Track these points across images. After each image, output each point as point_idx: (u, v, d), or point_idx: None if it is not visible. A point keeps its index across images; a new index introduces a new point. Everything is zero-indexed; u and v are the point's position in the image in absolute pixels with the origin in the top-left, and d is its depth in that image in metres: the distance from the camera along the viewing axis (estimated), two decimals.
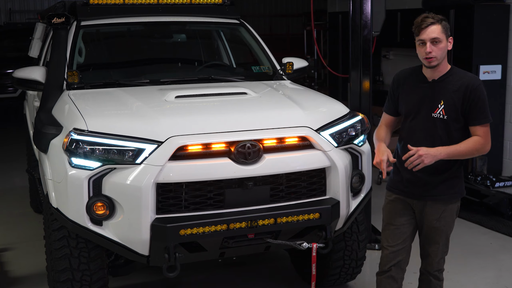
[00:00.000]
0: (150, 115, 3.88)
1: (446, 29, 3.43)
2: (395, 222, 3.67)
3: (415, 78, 3.60)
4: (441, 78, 3.50)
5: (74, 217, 3.68)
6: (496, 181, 7.32)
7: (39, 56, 6.57)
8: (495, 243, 5.72)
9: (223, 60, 5.98)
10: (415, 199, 3.60)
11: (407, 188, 3.60)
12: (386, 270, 3.71)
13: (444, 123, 3.47)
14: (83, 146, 3.65)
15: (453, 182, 3.57)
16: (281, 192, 3.85)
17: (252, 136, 3.73)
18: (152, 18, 5.35)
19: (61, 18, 4.68)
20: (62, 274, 3.85)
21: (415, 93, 3.57)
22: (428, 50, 3.40)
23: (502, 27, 7.57)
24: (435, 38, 3.38)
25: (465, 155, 3.47)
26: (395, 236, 3.67)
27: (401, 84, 3.66)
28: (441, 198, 3.56)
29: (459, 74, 3.52)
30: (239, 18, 5.60)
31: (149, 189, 3.54)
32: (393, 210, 3.69)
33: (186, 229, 3.58)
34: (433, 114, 3.49)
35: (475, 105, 3.42)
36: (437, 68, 3.48)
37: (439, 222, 3.58)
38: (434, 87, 3.50)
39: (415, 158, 3.35)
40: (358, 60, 5.53)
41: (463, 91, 3.42)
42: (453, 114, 3.46)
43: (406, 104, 3.60)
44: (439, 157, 3.39)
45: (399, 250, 3.67)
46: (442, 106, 3.47)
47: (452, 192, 3.58)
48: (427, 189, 3.55)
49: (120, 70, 5.19)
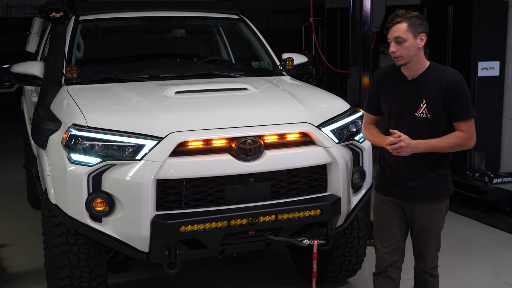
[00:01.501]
0: (150, 111, 3.86)
1: (415, 26, 3.33)
2: (386, 224, 3.62)
3: (395, 77, 3.51)
4: (420, 76, 3.42)
5: (73, 214, 3.65)
6: (494, 177, 7.32)
7: (36, 51, 6.53)
8: (494, 239, 5.72)
9: (222, 55, 5.95)
10: (404, 200, 3.53)
11: (395, 189, 3.54)
12: (382, 270, 3.69)
13: (428, 122, 3.39)
14: (82, 142, 3.62)
15: (440, 181, 3.50)
16: (282, 189, 3.83)
17: (253, 132, 3.71)
18: (151, 13, 5.32)
19: (60, 12, 4.66)
20: (61, 271, 3.83)
21: (396, 93, 3.48)
22: (391, 49, 3.37)
23: (501, 24, 7.56)
24: (397, 37, 3.33)
25: (445, 150, 3.39)
26: (387, 237, 3.62)
27: (381, 84, 3.57)
28: (430, 198, 3.49)
29: (438, 70, 3.42)
30: (239, 14, 5.57)
31: (149, 185, 3.51)
32: (383, 211, 3.62)
33: (187, 225, 3.56)
34: (416, 114, 3.41)
35: (457, 101, 3.34)
36: (411, 66, 3.41)
37: (429, 222, 3.53)
38: (414, 86, 3.42)
39: (396, 147, 3.31)
40: (358, 56, 5.51)
41: (444, 88, 3.34)
42: (436, 112, 3.38)
43: (388, 105, 3.52)
44: (418, 151, 3.33)
45: (393, 251, 3.63)
46: (424, 105, 3.39)
47: (440, 191, 3.52)
48: (415, 189, 3.48)
49: (118, 66, 5.16)
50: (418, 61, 3.40)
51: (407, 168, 3.48)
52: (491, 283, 4.81)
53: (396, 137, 3.32)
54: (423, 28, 3.37)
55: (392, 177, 3.55)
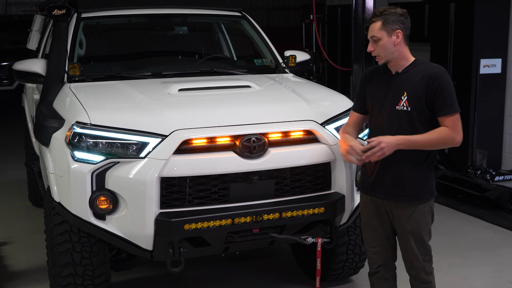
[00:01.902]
0: (154, 109, 3.84)
1: (388, 24, 3.30)
2: (371, 224, 3.57)
3: (381, 73, 3.49)
4: (404, 70, 3.38)
5: (76, 212, 3.64)
6: (495, 175, 7.31)
7: (37, 48, 6.51)
8: (496, 237, 5.71)
9: (224, 53, 5.93)
10: (385, 199, 3.45)
11: (375, 188, 3.47)
12: (375, 271, 3.66)
13: (408, 116, 3.32)
14: (86, 140, 3.61)
15: (421, 182, 3.39)
16: (286, 187, 3.82)
17: (257, 130, 3.70)
18: (153, 10, 5.30)
19: (62, 10, 4.64)
20: (64, 269, 3.82)
21: (380, 87, 3.45)
22: (368, 49, 3.38)
23: (503, 21, 7.54)
24: (373, 37, 3.34)
25: (429, 146, 3.31)
26: (373, 237, 3.58)
27: (367, 80, 3.55)
28: (409, 199, 3.38)
29: (422, 65, 3.38)
30: (241, 11, 5.55)
31: (153, 183, 3.50)
32: (367, 212, 3.58)
33: (191, 223, 3.55)
34: (397, 107, 3.35)
35: (439, 94, 3.27)
36: (393, 63, 3.38)
37: (409, 225, 3.40)
38: (397, 79, 3.39)
39: (376, 150, 3.25)
40: (360, 54, 5.51)
41: (426, 81, 3.28)
42: (417, 105, 3.30)
43: (372, 99, 3.48)
44: (400, 147, 3.26)
45: (381, 251, 3.58)
46: (405, 98, 3.33)
47: (421, 192, 3.40)
48: (392, 188, 3.40)
49: (121, 63, 5.15)
50: (399, 57, 3.37)
51: (385, 166, 3.40)
52: (494, 281, 4.80)
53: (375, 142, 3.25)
54: (399, 25, 3.33)
55: (371, 176, 3.48)
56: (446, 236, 5.71)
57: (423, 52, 8.78)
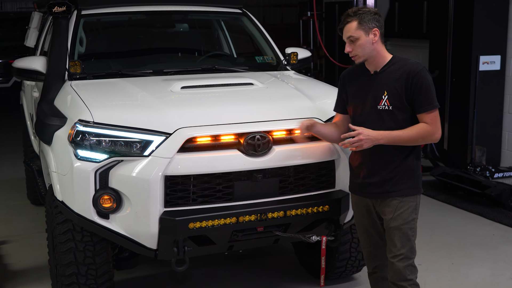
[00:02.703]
0: (157, 106, 3.81)
1: (365, 22, 3.29)
2: (363, 224, 3.56)
3: (360, 73, 3.47)
4: (383, 68, 3.37)
5: (80, 210, 3.61)
6: (495, 171, 7.34)
7: (35, 45, 6.47)
8: (497, 234, 5.71)
9: (225, 50, 5.91)
10: (371, 198, 3.44)
11: (362, 188, 3.46)
12: (373, 271, 3.65)
13: (390, 114, 3.31)
14: (89, 138, 3.58)
15: (406, 177, 3.36)
16: (290, 185, 3.80)
17: (261, 128, 3.67)
18: (154, 7, 5.27)
19: (62, 7, 4.60)
20: (67, 268, 3.79)
21: (360, 87, 3.44)
22: (346, 49, 3.37)
23: (502, 18, 7.55)
24: (350, 37, 3.32)
25: (409, 142, 3.29)
26: (366, 238, 3.58)
27: (346, 81, 3.54)
28: (394, 195, 3.35)
29: (400, 62, 3.35)
30: (242, 8, 5.53)
31: (157, 181, 3.48)
32: (357, 212, 3.57)
33: (195, 222, 3.53)
34: (378, 107, 3.34)
35: (418, 91, 3.25)
36: (373, 62, 3.36)
37: (395, 221, 3.35)
38: (376, 79, 3.37)
39: (354, 140, 3.24)
40: None
41: (405, 78, 3.27)
42: (398, 103, 3.29)
43: (353, 100, 3.47)
44: (380, 142, 3.25)
45: (375, 251, 3.58)
46: (386, 97, 3.31)
47: (406, 187, 3.36)
48: (378, 185, 3.38)
49: (122, 60, 5.10)
50: (377, 56, 3.36)
51: (369, 163, 3.39)
52: (497, 278, 4.80)
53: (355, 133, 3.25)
54: (375, 23, 3.32)
55: (358, 175, 3.47)
56: (447, 233, 5.70)
57: (422, 49, 8.80)
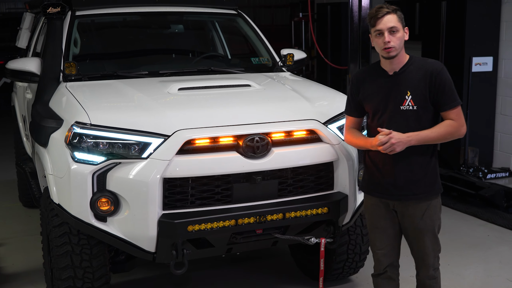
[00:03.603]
0: (155, 108, 3.78)
1: (401, 18, 3.33)
2: (380, 225, 3.55)
3: (376, 74, 3.45)
4: (402, 68, 3.37)
5: (77, 213, 3.57)
6: (487, 172, 7.37)
7: (27, 46, 6.40)
8: (492, 235, 5.72)
9: (219, 51, 5.88)
10: (395, 200, 3.43)
11: (387, 191, 3.44)
12: (383, 272, 3.63)
13: (415, 114, 3.32)
14: (86, 140, 3.54)
15: (431, 179, 3.42)
16: (289, 187, 3.78)
17: (260, 129, 3.65)
18: (149, 8, 5.23)
19: (57, 7, 4.56)
20: (63, 272, 3.75)
21: (379, 89, 3.42)
22: (387, 39, 3.28)
23: (494, 19, 7.59)
24: (392, 27, 3.29)
25: (437, 140, 3.33)
26: (382, 239, 3.56)
27: (361, 84, 3.50)
28: (422, 197, 3.39)
29: (419, 62, 3.39)
30: (237, 9, 5.51)
31: (156, 184, 3.44)
32: (375, 213, 3.54)
33: (194, 225, 3.50)
34: (401, 107, 3.33)
35: (443, 89, 3.29)
36: (397, 59, 3.36)
37: (423, 222, 3.42)
38: (397, 80, 3.36)
39: (387, 146, 3.24)
40: (356, 52, 5.49)
41: (429, 78, 3.30)
42: (422, 103, 3.32)
43: (372, 102, 3.44)
44: (411, 143, 3.26)
45: (389, 252, 3.57)
46: (409, 97, 3.33)
47: (431, 189, 3.43)
48: (406, 188, 3.39)
49: (117, 62, 5.06)
50: (402, 54, 3.37)
51: (395, 166, 3.37)
52: (493, 279, 4.81)
53: (386, 133, 3.25)
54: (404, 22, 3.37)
55: (381, 177, 3.44)
56: (442, 234, 5.59)
57: (415, 50, 8.79)
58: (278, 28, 15.34)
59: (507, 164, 7.70)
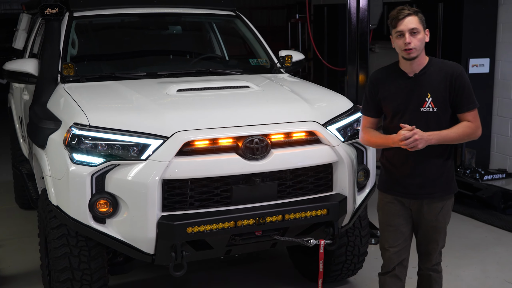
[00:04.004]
0: (154, 110, 3.77)
1: (422, 20, 3.37)
2: (394, 223, 3.58)
3: (395, 76, 3.49)
4: (422, 70, 3.42)
5: (75, 215, 3.55)
6: (484, 174, 7.37)
7: (24, 48, 6.38)
8: (489, 236, 5.73)
9: (217, 52, 5.87)
10: (412, 198, 3.50)
11: (403, 189, 3.50)
12: (391, 270, 3.65)
13: (435, 116, 3.39)
14: (85, 142, 3.53)
15: (447, 177, 3.50)
16: (288, 188, 3.77)
17: (260, 131, 3.64)
18: (147, 9, 5.22)
19: (54, 9, 4.54)
20: (61, 274, 3.73)
21: (399, 91, 3.45)
22: (408, 40, 3.32)
23: (491, 21, 7.61)
24: (413, 29, 3.32)
25: (455, 140, 3.40)
26: (395, 237, 3.59)
27: (381, 84, 3.53)
28: (438, 195, 3.48)
29: (438, 64, 3.45)
30: (235, 10, 5.50)
31: (155, 185, 3.43)
32: (391, 211, 3.58)
33: (193, 226, 3.48)
34: (422, 109, 3.39)
35: (462, 92, 3.36)
36: (417, 61, 3.40)
37: (437, 220, 3.52)
38: (417, 81, 3.41)
39: (411, 141, 3.27)
40: (354, 54, 5.48)
41: (449, 80, 3.36)
42: (442, 105, 3.38)
43: (392, 103, 3.47)
44: (431, 142, 3.32)
45: (401, 250, 3.61)
46: (430, 99, 3.38)
47: (448, 188, 3.51)
48: (423, 187, 3.46)
49: (115, 63, 5.05)
50: (422, 56, 3.42)
51: (413, 165, 3.44)
52: (491, 281, 4.81)
53: (409, 129, 3.29)
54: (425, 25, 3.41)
55: (399, 175, 3.50)
56: None
57: None
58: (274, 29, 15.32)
59: (504, 166, 7.72)
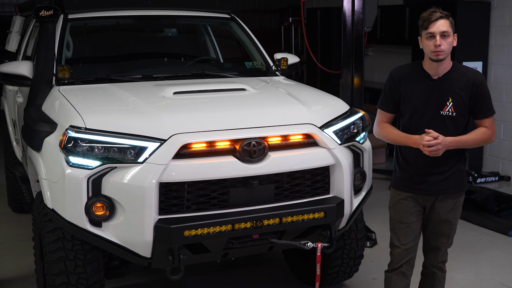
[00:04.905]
0: (151, 112, 3.74)
1: (452, 25, 3.46)
2: (406, 221, 3.67)
3: (418, 75, 3.57)
4: (446, 75, 3.51)
5: (71, 219, 3.52)
6: (477, 177, 7.39)
7: (17, 50, 6.35)
8: (484, 239, 5.75)
9: (212, 55, 5.86)
10: (426, 195, 3.61)
11: (419, 185, 3.60)
12: (397, 267, 3.71)
13: (453, 120, 3.51)
14: (81, 144, 3.50)
15: (460, 175, 3.63)
16: (285, 191, 3.76)
17: (257, 134, 3.63)
18: (142, 11, 5.20)
19: (49, 10, 4.51)
20: (57, 278, 3.69)
21: (420, 91, 3.55)
22: (438, 42, 3.39)
23: (483, 25, 7.64)
24: (444, 32, 3.40)
25: (472, 145, 3.54)
26: (406, 234, 3.67)
27: (403, 82, 3.61)
28: (451, 191, 3.61)
29: (461, 70, 3.55)
30: (230, 13, 5.49)
31: (152, 189, 3.41)
32: (404, 208, 3.67)
33: (191, 230, 3.46)
34: (441, 112, 3.51)
35: (482, 99, 3.51)
36: (442, 64, 3.48)
37: (449, 215, 3.64)
38: (440, 85, 3.52)
39: (434, 149, 3.39)
40: (350, 57, 5.48)
41: (470, 88, 3.49)
42: (461, 110, 3.51)
43: (412, 103, 3.57)
44: (450, 147, 3.45)
45: (410, 248, 3.69)
46: (450, 104, 3.50)
47: (461, 184, 3.65)
48: (437, 183, 3.57)
49: (110, 65, 5.01)
50: (448, 60, 3.51)
51: (429, 164, 3.55)
52: (487, 283, 4.82)
53: (434, 136, 3.39)
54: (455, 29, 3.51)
55: (413, 173, 3.60)
56: None
57: (404, 55, 8.84)
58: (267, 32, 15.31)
59: (497, 169, 7.75)
